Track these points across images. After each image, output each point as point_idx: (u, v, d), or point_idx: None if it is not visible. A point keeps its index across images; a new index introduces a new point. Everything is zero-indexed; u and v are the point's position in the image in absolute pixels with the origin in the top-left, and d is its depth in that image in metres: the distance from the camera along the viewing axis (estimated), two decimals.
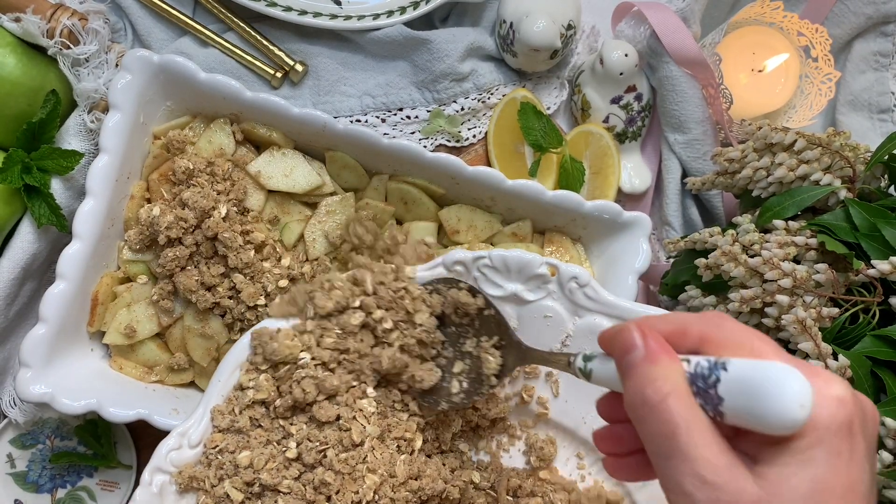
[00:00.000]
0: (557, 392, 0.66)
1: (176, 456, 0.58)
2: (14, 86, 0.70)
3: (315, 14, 0.80)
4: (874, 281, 0.60)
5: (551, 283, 0.62)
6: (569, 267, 0.62)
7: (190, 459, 0.59)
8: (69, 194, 0.73)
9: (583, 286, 0.62)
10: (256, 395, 0.59)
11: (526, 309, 0.63)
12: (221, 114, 0.72)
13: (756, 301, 0.62)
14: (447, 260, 0.62)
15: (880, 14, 0.84)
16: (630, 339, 0.40)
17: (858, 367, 0.58)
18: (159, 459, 0.58)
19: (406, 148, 0.71)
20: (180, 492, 0.58)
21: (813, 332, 0.59)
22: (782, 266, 0.61)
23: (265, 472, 0.57)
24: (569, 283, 0.62)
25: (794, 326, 0.59)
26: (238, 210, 0.71)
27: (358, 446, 0.58)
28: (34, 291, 0.75)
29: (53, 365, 0.66)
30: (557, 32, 0.78)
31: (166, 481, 0.58)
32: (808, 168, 0.66)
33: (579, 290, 0.62)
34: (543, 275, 0.62)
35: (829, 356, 0.59)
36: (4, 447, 0.76)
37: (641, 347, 0.40)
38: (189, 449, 0.59)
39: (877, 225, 0.61)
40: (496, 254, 0.62)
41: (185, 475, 0.58)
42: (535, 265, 0.62)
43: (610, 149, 0.83)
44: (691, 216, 0.84)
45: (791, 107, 0.85)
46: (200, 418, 0.59)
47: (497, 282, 0.63)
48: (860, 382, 0.57)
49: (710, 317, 0.41)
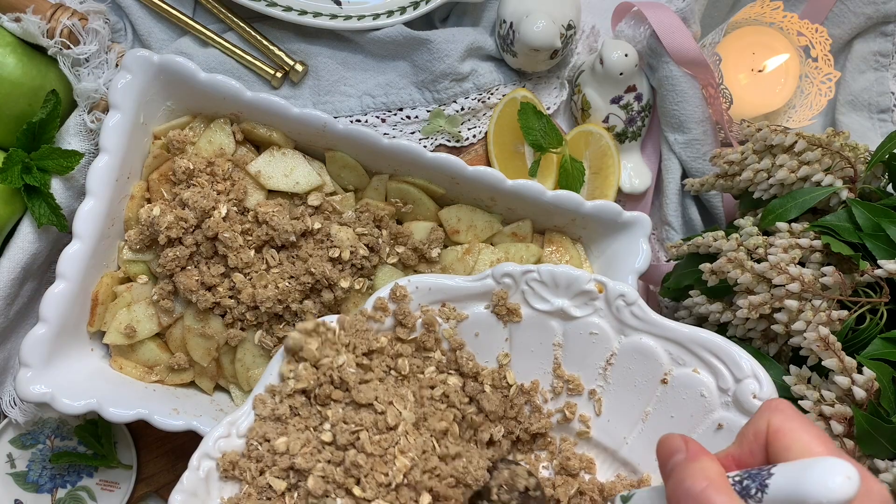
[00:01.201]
0: (600, 411, 0.64)
1: (224, 444, 0.58)
2: (14, 86, 0.70)
3: (315, 14, 0.80)
4: (880, 281, 0.60)
5: (598, 299, 0.62)
6: (617, 285, 0.61)
7: (236, 448, 0.59)
8: (69, 194, 0.73)
9: (630, 304, 0.61)
10: (297, 384, 0.59)
11: (572, 325, 0.63)
12: (221, 114, 0.72)
13: (765, 307, 0.62)
14: (496, 272, 0.62)
15: (880, 14, 0.84)
16: (674, 443, 0.43)
17: (882, 376, 0.57)
18: (208, 446, 0.58)
19: (406, 148, 0.71)
20: (224, 479, 0.58)
21: (835, 347, 0.58)
22: (790, 270, 0.61)
23: (300, 457, 0.57)
24: (616, 301, 0.61)
25: (817, 345, 0.58)
26: (238, 210, 0.71)
27: (392, 429, 0.58)
28: (34, 291, 0.75)
29: (53, 365, 0.66)
30: (557, 32, 0.78)
31: (213, 468, 0.58)
32: (808, 169, 0.66)
33: (626, 309, 0.61)
34: (591, 291, 0.61)
35: (854, 370, 0.58)
36: (4, 447, 0.76)
37: (684, 450, 0.43)
38: (237, 438, 0.59)
39: (881, 224, 0.61)
40: (545, 269, 0.62)
41: (227, 460, 0.58)
42: (583, 281, 0.61)
43: (610, 149, 0.83)
44: (691, 216, 0.84)
45: (791, 107, 0.85)
46: (250, 409, 0.60)
47: (544, 296, 0.62)
48: (885, 390, 0.57)
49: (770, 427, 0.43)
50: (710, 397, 0.59)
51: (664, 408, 0.61)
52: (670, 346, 0.61)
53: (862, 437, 0.57)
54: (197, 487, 0.56)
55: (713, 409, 0.59)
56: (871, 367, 0.57)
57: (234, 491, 0.58)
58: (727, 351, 0.58)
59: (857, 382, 0.58)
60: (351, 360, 0.60)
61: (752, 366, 0.58)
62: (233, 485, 0.58)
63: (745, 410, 0.57)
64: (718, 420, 0.58)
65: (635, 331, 0.61)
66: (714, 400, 0.59)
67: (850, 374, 0.58)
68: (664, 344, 0.61)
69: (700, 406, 0.59)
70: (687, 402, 0.60)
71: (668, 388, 0.61)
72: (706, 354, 0.59)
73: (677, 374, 0.60)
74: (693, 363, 0.60)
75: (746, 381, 0.57)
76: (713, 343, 0.59)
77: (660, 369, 0.61)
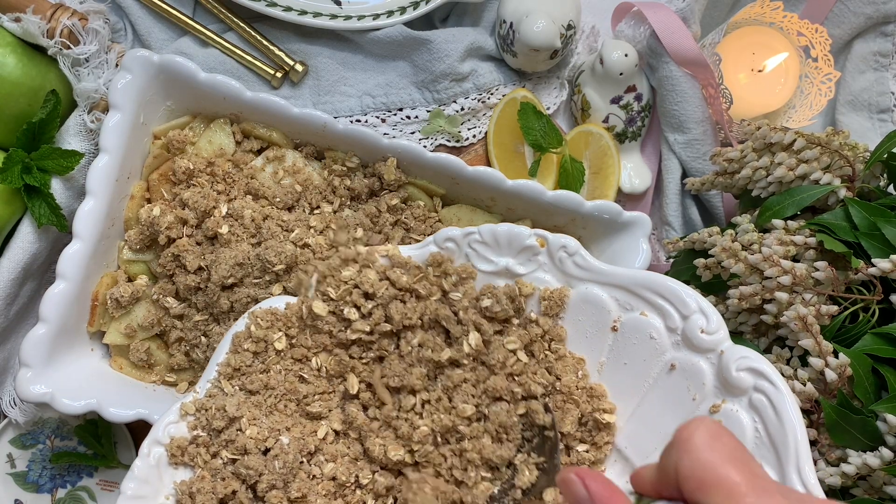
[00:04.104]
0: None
1: (174, 429, 0.60)
2: (14, 86, 0.70)
3: (315, 14, 0.80)
4: (874, 279, 0.60)
5: (541, 254, 0.62)
6: (557, 237, 0.61)
7: (185, 435, 0.61)
8: (69, 194, 0.73)
9: (572, 255, 0.61)
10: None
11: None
12: (221, 114, 0.72)
13: (755, 298, 0.62)
14: (438, 238, 0.62)
15: (880, 14, 0.84)
16: (576, 490, 0.38)
17: (859, 365, 0.58)
18: (157, 432, 0.60)
19: (406, 148, 0.71)
20: (174, 465, 0.60)
21: (814, 329, 0.59)
22: (781, 263, 0.61)
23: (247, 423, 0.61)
24: (558, 253, 0.61)
25: (795, 323, 0.59)
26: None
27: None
28: (34, 291, 0.75)
29: (53, 365, 0.66)
30: (557, 32, 0.78)
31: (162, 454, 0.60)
32: (807, 167, 0.66)
33: (569, 259, 0.61)
34: (533, 246, 0.61)
35: (830, 354, 0.59)
36: (4, 447, 0.76)
37: (587, 499, 0.38)
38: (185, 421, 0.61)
39: (876, 224, 0.62)
40: (486, 228, 0.62)
41: (175, 444, 0.59)
42: (524, 237, 0.61)
43: (610, 149, 0.83)
44: (691, 216, 0.84)
45: (791, 107, 0.85)
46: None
47: (488, 257, 0.62)
48: (860, 380, 0.58)
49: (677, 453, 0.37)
50: (659, 339, 0.58)
51: (617, 356, 0.60)
52: (616, 293, 0.60)
53: (833, 427, 0.57)
54: (148, 475, 0.58)
55: (664, 351, 0.57)
56: (850, 354, 0.58)
57: (188, 475, 0.60)
58: (672, 289, 0.57)
59: (830, 365, 0.58)
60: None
61: (699, 301, 0.56)
62: (184, 470, 0.60)
63: (695, 347, 0.56)
64: (670, 360, 0.57)
65: (581, 281, 0.61)
66: (664, 341, 0.57)
67: (824, 357, 0.58)
68: (610, 290, 0.60)
69: (651, 349, 0.58)
70: (638, 347, 0.59)
71: (618, 335, 0.60)
72: (652, 296, 0.58)
73: (626, 319, 0.59)
74: (640, 307, 0.59)
75: (693, 318, 0.56)
76: (657, 283, 0.58)
77: (608, 317, 0.60)
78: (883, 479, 0.56)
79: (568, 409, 0.60)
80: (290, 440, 0.60)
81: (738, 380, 0.53)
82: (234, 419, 0.60)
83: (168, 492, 0.59)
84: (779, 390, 0.52)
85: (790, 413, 0.51)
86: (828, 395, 0.59)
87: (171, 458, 0.59)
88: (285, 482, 0.59)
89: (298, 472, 0.59)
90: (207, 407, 0.60)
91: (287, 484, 0.59)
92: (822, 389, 0.60)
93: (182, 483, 0.59)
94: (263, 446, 0.60)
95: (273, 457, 0.59)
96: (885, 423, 0.56)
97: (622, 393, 0.60)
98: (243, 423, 0.60)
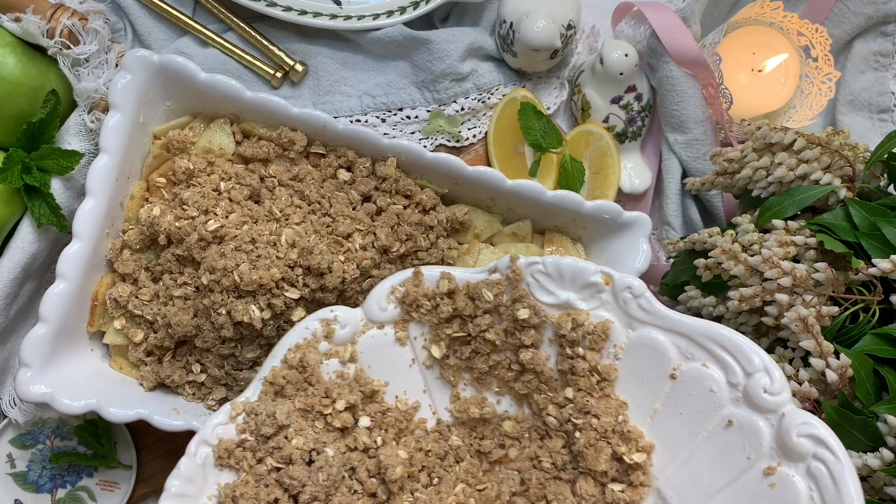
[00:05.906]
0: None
1: (222, 431, 0.60)
2: (14, 86, 0.70)
3: (315, 14, 0.80)
4: (874, 280, 0.60)
5: (605, 292, 0.60)
6: (624, 276, 0.60)
7: (232, 437, 0.60)
8: (69, 194, 0.73)
9: (637, 297, 0.59)
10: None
11: None
12: (221, 114, 0.72)
13: (755, 300, 0.62)
14: (501, 264, 0.62)
15: (880, 14, 0.84)
16: None
17: (860, 366, 0.58)
18: (206, 432, 0.59)
19: (406, 148, 0.71)
20: (220, 466, 0.60)
21: (815, 330, 0.59)
22: (782, 264, 0.61)
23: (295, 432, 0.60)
24: (623, 293, 0.60)
25: (796, 324, 0.59)
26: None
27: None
28: (34, 291, 0.75)
29: (53, 365, 0.66)
30: (557, 32, 0.78)
31: (209, 454, 0.59)
32: (807, 167, 0.66)
33: (633, 301, 0.60)
34: (597, 283, 0.60)
35: (831, 354, 0.59)
36: (4, 447, 0.76)
37: None
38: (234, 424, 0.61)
39: (877, 224, 0.62)
40: (550, 260, 0.60)
41: (223, 447, 0.59)
42: (589, 273, 0.60)
43: (610, 149, 0.83)
44: (691, 216, 0.84)
45: (791, 107, 0.85)
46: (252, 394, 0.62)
47: (550, 289, 0.61)
48: (861, 381, 0.57)
49: None
50: (719, 392, 0.57)
51: (673, 404, 0.60)
52: (679, 340, 0.59)
53: (834, 428, 0.57)
54: (193, 474, 0.57)
55: (723, 405, 0.57)
56: (850, 355, 0.58)
57: (232, 478, 0.59)
58: (737, 344, 0.56)
59: (830, 366, 0.58)
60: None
61: (763, 359, 0.56)
62: (228, 472, 0.59)
63: (756, 406, 0.55)
64: (728, 416, 0.57)
65: (643, 324, 0.60)
66: (724, 395, 0.57)
67: (825, 358, 0.58)
68: (672, 337, 0.59)
69: (709, 402, 0.58)
70: (696, 397, 0.58)
71: (676, 383, 0.59)
72: (715, 348, 0.57)
73: (686, 368, 0.59)
74: (702, 357, 0.58)
75: (757, 376, 0.55)
76: (723, 336, 0.57)
77: (668, 364, 0.59)
78: (883, 480, 0.56)
79: (601, 448, 0.60)
80: (335, 453, 0.60)
81: (799, 445, 0.53)
82: (282, 427, 0.59)
83: (211, 492, 0.58)
84: (840, 461, 0.52)
85: (850, 486, 0.51)
86: (829, 396, 0.59)
87: (217, 459, 0.59)
88: (327, 495, 0.58)
89: (340, 485, 0.59)
90: (258, 412, 0.60)
91: (329, 497, 0.58)
92: (822, 390, 0.60)
93: (226, 485, 0.58)
94: (308, 457, 0.60)
95: (317, 468, 0.59)
96: (885, 424, 0.56)
97: (673, 441, 0.60)
98: (290, 432, 0.59)
